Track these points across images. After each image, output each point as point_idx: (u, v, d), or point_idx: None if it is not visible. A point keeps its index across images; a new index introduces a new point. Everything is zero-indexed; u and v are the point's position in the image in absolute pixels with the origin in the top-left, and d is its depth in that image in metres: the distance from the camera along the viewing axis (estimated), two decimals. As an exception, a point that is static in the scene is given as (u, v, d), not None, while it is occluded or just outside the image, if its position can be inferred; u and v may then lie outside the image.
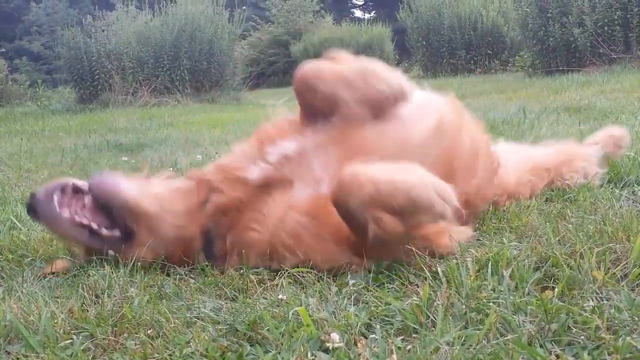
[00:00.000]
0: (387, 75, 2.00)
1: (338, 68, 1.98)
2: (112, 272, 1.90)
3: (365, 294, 1.63)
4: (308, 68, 2.00)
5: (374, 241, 1.68)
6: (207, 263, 1.97)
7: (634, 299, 1.40)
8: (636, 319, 1.31)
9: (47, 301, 1.77)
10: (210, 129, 7.48)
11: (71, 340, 1.52)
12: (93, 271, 1.92)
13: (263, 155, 2.02)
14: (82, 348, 1.47)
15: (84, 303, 1.76)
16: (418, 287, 1.66)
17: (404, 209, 1.63)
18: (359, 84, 1.94)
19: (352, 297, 1.64)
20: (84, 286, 1.86)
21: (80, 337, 1.53)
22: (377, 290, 1.64)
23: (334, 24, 26.23)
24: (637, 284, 1.54)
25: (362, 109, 1.95)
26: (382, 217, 1.64)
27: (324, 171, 1.92)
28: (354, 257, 1.83)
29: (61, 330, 1.58)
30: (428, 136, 2.01)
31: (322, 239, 1.83)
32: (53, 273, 2.07)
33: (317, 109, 2.00)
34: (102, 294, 1.78)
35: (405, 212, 1.64)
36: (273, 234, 1.89)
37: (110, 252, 2.00)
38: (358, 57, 2.06)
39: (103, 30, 14.26)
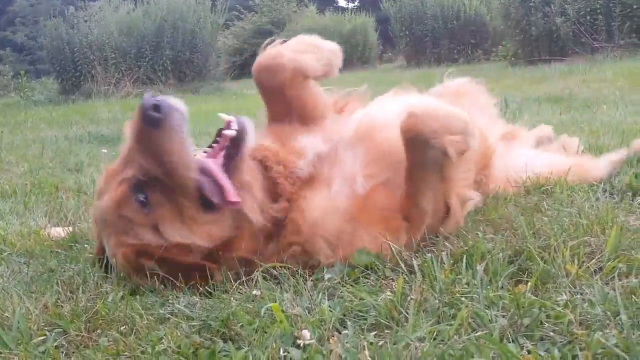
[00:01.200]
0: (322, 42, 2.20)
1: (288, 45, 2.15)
2: (87, 268, 1.88)
3: (340, 289, 1.63)
4: (265, 55, 2.14)
5: (437, 166, 1.89)
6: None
7: (607, 293, 1.41)
8: (608, 313, 1.32)
9: (22, 297, 1.75)
10: (193, 120, 7.42)
11: (45, 337, 1.51)
12: (68, 266, 1.91)
13: (296, 149, 2.00)
14: (55, 345, 1.46)
15: (59, 299, 1.75)
16: (394, 281, 1.66)
17: (462, 131, 1.87)
18: (308, 50, 2.14)
19: (327, 292, 1.64)
20: (60, 282, 1.84)
21: (54, 333, 1.52)
22: (352, 285, 1.64)
23: (317, 13, 26.08)
24: (611, 278, 1.54)
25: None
26: (452, 139, 1.85)
27: (356, 168, 1.96)
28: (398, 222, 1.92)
29: (35, 326, 1.57)
30: None
31: (361, 241, 1.87)
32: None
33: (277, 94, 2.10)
34: (77, 289, 1.77)
35: (463, 134, 1.87)
36: (310, 237, 1.87)
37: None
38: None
39: (85, 21, 14.10)
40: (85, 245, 2.22)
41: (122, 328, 1.51)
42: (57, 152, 5.24)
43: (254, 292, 1.65)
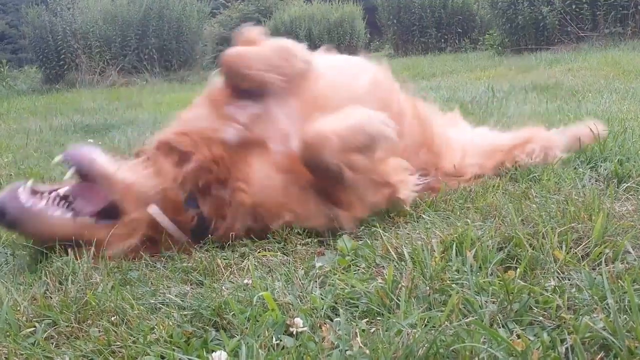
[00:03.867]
0: (300, 51, 2.19)
1: (260, 52, 2.11)
2: (75, 258, 1.87)
3: (331, 277, 1.64)
4: (232, 54, 2.12)
5: (349, 187, 1.91)
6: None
7: (594, 279, 1.43)
8: (596, 298, 1.34)
9: (9, 288, 1.74)
10: (180, 109, 7.36)
11: (34, 328, 1.50)
12: (56, 257, 1.89)
13: (227, 116, 2.06)
14: (44, 336, 1.45)
15: (47, 290, 1.74)
16: (384, 269, 1.67)
17: (365, 144, 1.88)
18: (281, 63, 2.10)
19: (319, 280, 1.65)
20: (48, 272, 1.83)
21: (43, 324, 1.51)
22: (343, 273, 1.65)
23: (304, 1, 25.93)
24: (597, 264, 1.56)
25: (285, 84, 2.09)
26: (351, 158, 1.86)
27: (291, 125, 2.02)
28: (336, 209, 1.98)
29: (24, 318, 1.55)
30: (368, 87, 2.25)
31: (305, 193, 1.95)
32: None
33: (245, 90, 2.10)
34: (66, 280, 1.76)
35: (367, 147, 1.89)
36: (258, 195, 1.94)
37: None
38: (270, 37, 2.25)
39: (69, 9, 13.88)
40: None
41: (112, 318, 1.50)
42: (42, 143, 5.18)
43: (246, 280, 1.65)
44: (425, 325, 1.30)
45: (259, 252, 1.90)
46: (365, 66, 2.41)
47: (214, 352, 1.28)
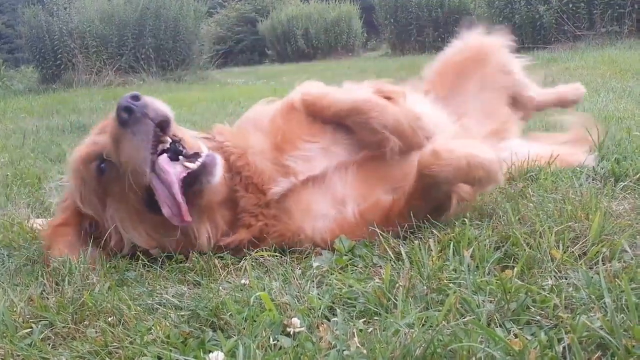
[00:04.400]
0: (427, 126, 2.07)
1: (396, 111, 2.02)
2: (72, 259, 1.86)
3: (328, 277, 1.64)
4: (361, 100, 2.03)
5: (446, 213, 1.93)
6: None
7: (592, 278, 1.43)
8: (593, 297, 1.34)
9: (5, 289, 1.74)
10: (177, 109, 7.35)
11: (30, 329, 1.50)
12: (53, 258, 1.89)
13: (286, 166, 1.96)
14: (41, 337, 1.45)
15: (44, 291, 1.74)
16: (381, 268, 1.67)
17: (482, 179, 1.86)
18: (409, 133, 2.01)
19: (316, 280, 1.64)
20: (44, 273, 1.82)
21: (40, 325, 1.51)
22: (340, 273, 1.65)
23: (301, 1, 25.94)
24: (595, 262, 1.56)
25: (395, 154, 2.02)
26: (463, 188, 1.91)
27: (346, 190, 1.96)
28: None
29: (20, 319, 1.55)
30: None
31: None
32: None
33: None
34: (63, 281, 1.75)
35: (481, 183, 1.89)
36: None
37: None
38: (407, 93, 2.14)
39: (65, 8, 13.83)
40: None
41: (109, 319, 1.50)
42: (39, 143, 5.17)
43: (243, 281, 1.65)
44: (423, 325, 1.30)
45: (256, 252, 1.89)
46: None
47: (211, 353, 1.28)
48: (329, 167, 1.99)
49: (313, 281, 1.63)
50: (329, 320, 1.40)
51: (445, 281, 1.49)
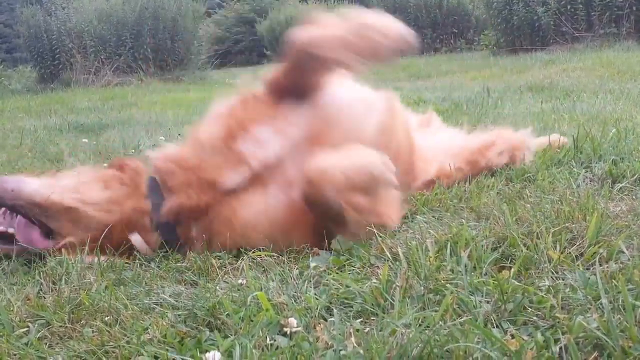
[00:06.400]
0: (384, 26, 1.89)
1: (337, 32, 1.87)
2: (69, 258, 1.86)
3: (326, 277, 1.63)
4: (307, 36, 1.89)
5: (347, 228, 1.81)
6: (165, 248, 1.95)
7: (588, 278, 1.43)
8: (590, 297, 1.34)
9: (2, 289, 1.73)
10: (175, 109, 7.38)
11: (27, 329, 1.49)
12: (50, 257, 1.89)
13: (237, 154, 1.92)
14: (38, 336, 1.45)
15: (41, 290, 1.73)
16: (379, 268, 1.66)
17: (369, 185, 1.79)
18: (360, 44, 1.85)
19: (313, 280, 1.64)
20: (41, 273, 1.82)
21: (37, 325, 1.50)
22: (337, 273, 1.65)
23: (300, 1, 25.93)
24: (592, 263, 1.56)
25: (365, 66, 1.89)
26: (355, 200, 1.77)
27: (297, 173, 1.88)
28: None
29: (17, 318, 1.55)
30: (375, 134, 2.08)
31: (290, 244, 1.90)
32: None
33: (304, 83, 1.98)
34: (59, 280, 1.75)
35: (369, 188, 1.80)
36: (241, 240, 1.91)
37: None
38: (342, 14, 1.93)
39: (63, 8, 13.82)
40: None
41: (106, 318, 1.49)
42: (37, 142, 5.16)
43: (240, 280, 1.65)
44: (420, 325, 1.29)
45: (254, 251, 1.89)
46: (374, 105, 2.17)
47: (207, 352, 1.27)
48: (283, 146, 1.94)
49: (310, 281, 1.63)
50: (325, 320, 1.40)
51: (443, 281, 1.49)
